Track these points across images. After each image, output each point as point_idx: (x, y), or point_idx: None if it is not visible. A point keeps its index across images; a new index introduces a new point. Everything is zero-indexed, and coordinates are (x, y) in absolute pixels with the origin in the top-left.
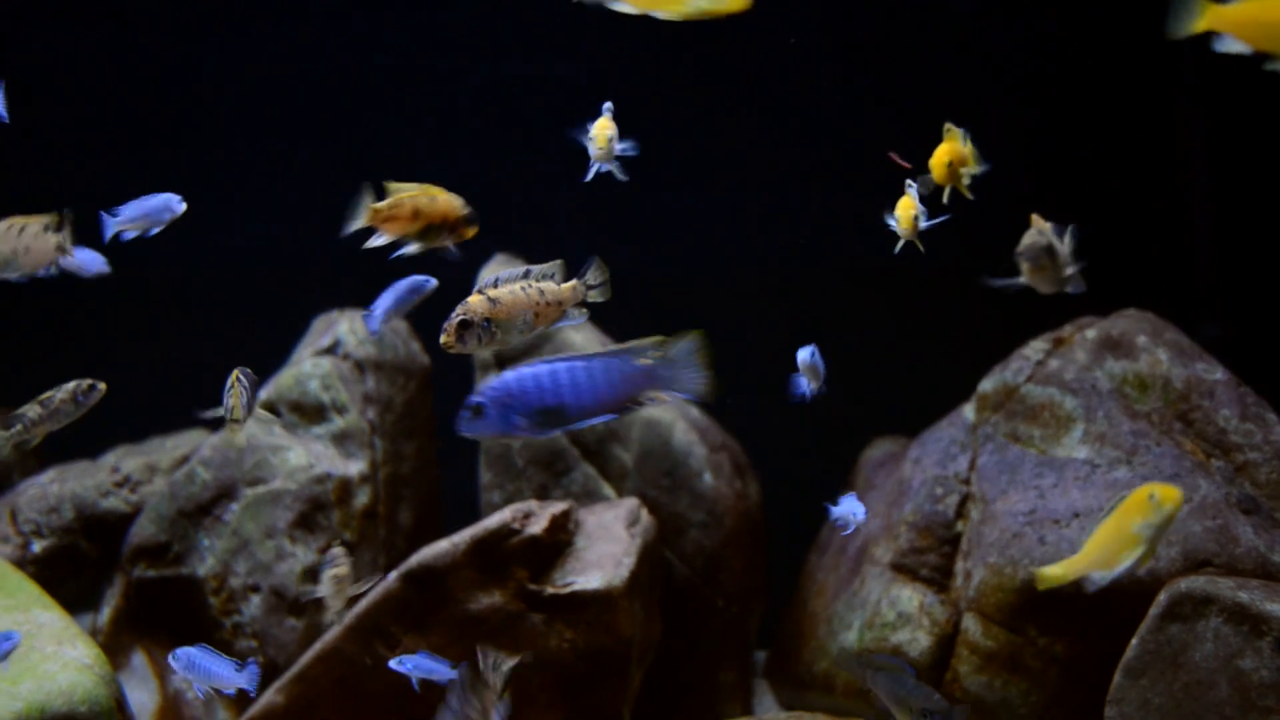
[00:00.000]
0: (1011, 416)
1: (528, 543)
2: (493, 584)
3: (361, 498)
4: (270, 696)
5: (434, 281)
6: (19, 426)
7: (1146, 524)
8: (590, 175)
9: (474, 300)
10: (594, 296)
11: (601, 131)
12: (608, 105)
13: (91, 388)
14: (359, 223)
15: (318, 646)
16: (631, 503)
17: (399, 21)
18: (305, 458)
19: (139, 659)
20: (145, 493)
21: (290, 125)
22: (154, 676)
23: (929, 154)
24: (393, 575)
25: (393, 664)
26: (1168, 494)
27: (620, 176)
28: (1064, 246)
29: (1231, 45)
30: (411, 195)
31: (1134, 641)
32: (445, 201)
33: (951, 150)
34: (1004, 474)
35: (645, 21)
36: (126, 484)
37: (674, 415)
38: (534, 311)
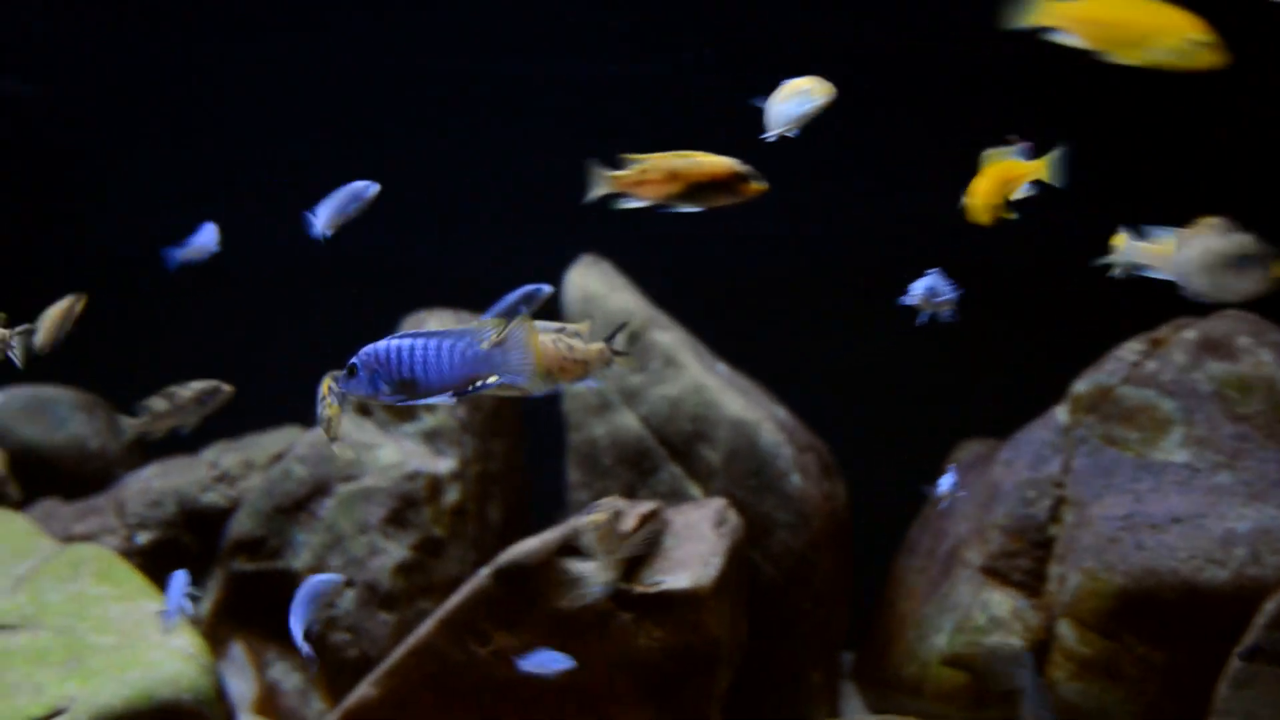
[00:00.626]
0: (1107, 419)
1: None
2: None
3: (451, 494)
4: (365, 689)
5: (376, 187)
6: (146, 417)
7: None
8: (775, 134)
9: None
10: (620, 363)
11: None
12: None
13: (217, 389)
14: (601, 191)
15: (411, 641)
16: (719, 503)
17: (516, 19)
18: (397, 455)
19: (237, 649)
20: (243, 488)
21: (395, 124)
22: (252, 667)
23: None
24: (484, 572)
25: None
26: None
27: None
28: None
29: (1066, 39)
30: (664, 158)
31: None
32: (711, 161)
33: (992, 184)
34: (1099, 477)
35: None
36: (225, 479)
37: (761, 415)
38: (559, 366)
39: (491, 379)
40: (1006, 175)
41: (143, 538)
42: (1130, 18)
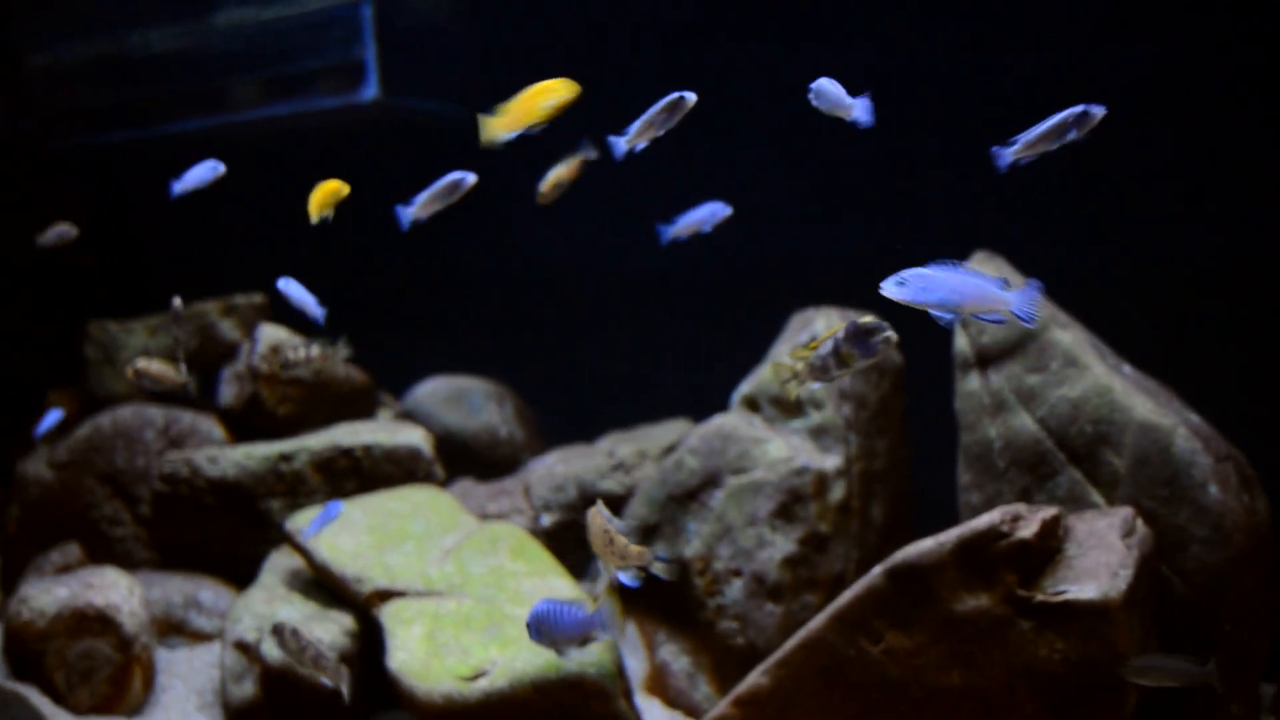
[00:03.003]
0: None
1: (1017, 546)
2: (979, 586)
3: (837, 491)
4: (755, 677)
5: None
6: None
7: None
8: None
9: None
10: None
11: None
12: None
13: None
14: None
15: (802, 634)
16: (1126, 512)
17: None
18: (785, 450)
19: (631, 629)
20: (637, 476)
21: (778, 120)
22: (644, 647)
23: None
24: (877, 570)
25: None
26: None
27: None
28: None
29: None
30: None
31: None
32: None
33: None
34: None
35: None
36: (621, 468)
37: (1173, 420)
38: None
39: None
40: None
41: (547, 519)
42: None
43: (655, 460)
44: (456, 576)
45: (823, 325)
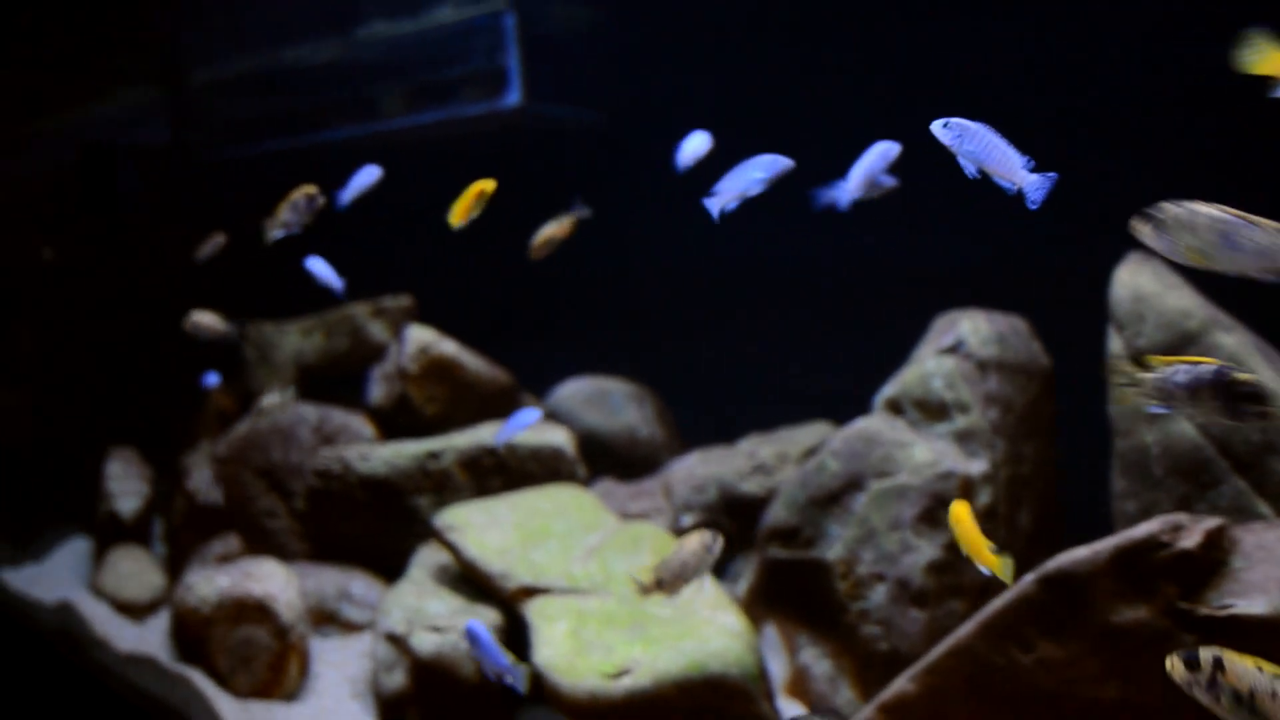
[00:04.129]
0: None
1: (1177, 557)
2: (1137, 597)
3: (983, 497)
4: (901, 684)
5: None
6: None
7: None
8: None
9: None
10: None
11: None
12: None
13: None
14: None
15: (950, 641)
16: None
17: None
18: (930, 454)
19: (770, 631)
20: (778, 478)
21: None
22: (784, 650)
23: None
24: (1029, 578)
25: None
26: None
27: None
28: None
29: None
30: None
31: None
32: None
33: None
34: None
35: None
36: (761, 469)
37: None
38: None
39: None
40: None
41: (688, 519)
42: None
43: (796, 462)
44: (600, 575)
45: (968, 328)
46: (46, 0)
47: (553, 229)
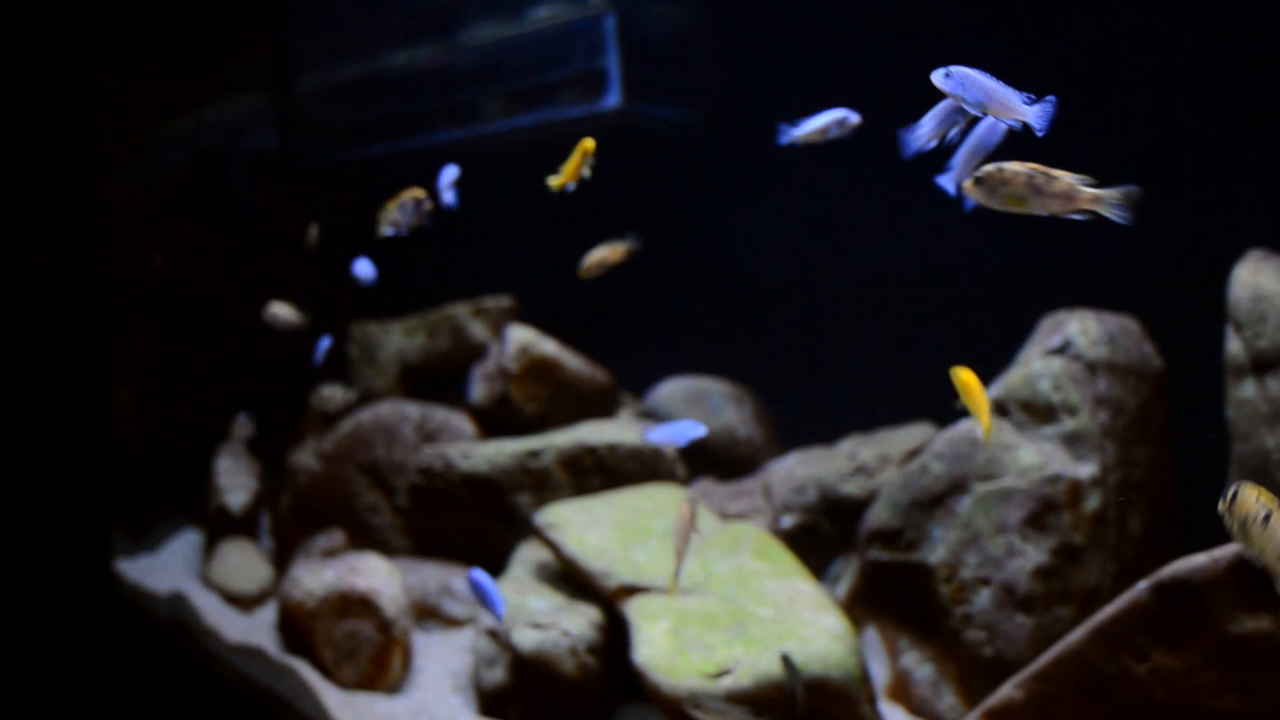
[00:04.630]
0: None
1: None
2: (1259, 607)
3: (1092, 501)
4: (1008, 690)
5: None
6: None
7: None
8: None
9: None
10: None
11: None
12: None
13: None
14: None
15: (1059, 648)
16: None
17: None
18: (1037, 457)
19: (871, 634)
20: (879, 480)
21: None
22: (885, 652)
23: None
24: (1143, 585)
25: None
26: None
27: None
28: None
29: None
30: None
31: None
32: None
33: None
34: None
35: None
36: (862, 471)
37: None
38: None
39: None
40: None
41: (788, 521)
42: None
43: (898, 464)
44: (700, 574)
45: (1076, 328)
46: (164, 12)
47: (605, 252)
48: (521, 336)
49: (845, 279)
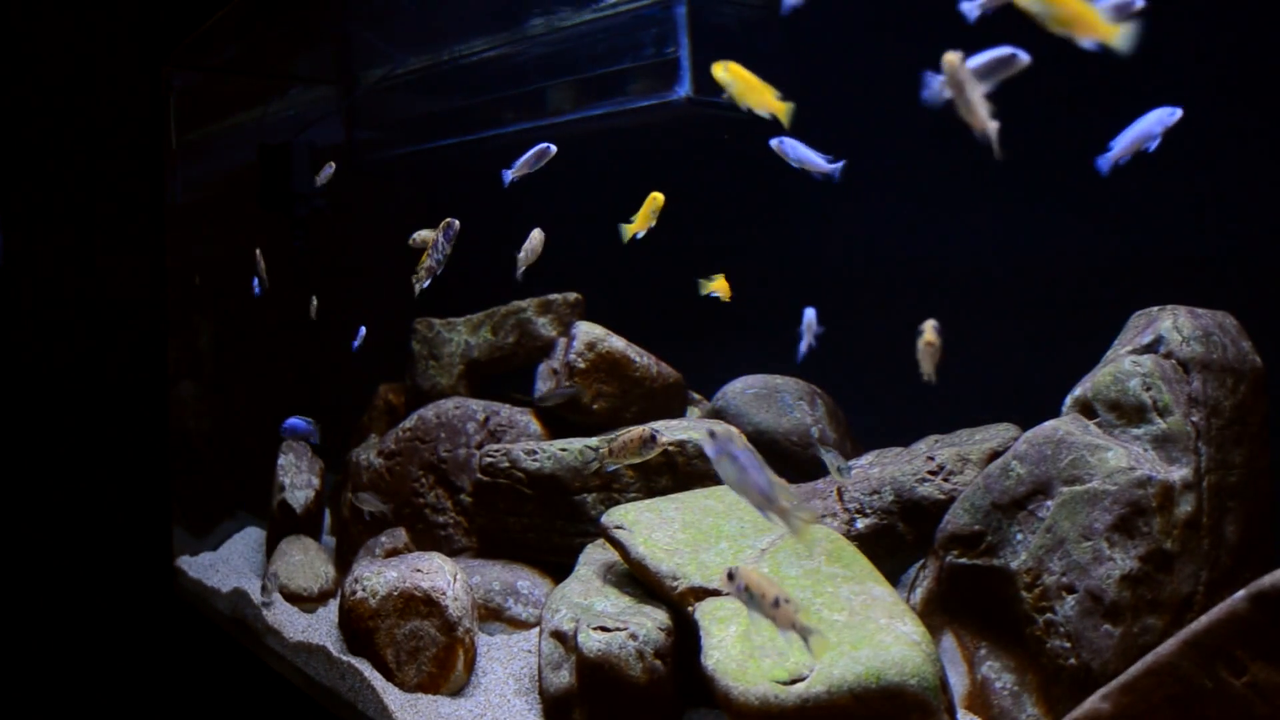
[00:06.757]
0: None
1: None
2: None
3: (1184, 506)
4: (1095, 702)
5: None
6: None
7: None
8: None
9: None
10: None
11: None
12: None
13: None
14: None
15: (1150, 659)
16: None
17: None
18: (1125, 459)
19: (948, 641)
20: (957, 482)
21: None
22: (963, 660)
23: None
24: (1241, 595)
25: None
26: None
27: None
28: None
29: None
30: None
31: None
32: None
33: None
34: None
35: None
36: (940, 473)
37: None
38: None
39: None
40: None
41: (862, 523)
42: None
43: (977, 466)
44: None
45: (1168, 325)
46: (229, 6)
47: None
48: (589, 332)
49: (924, 274)
